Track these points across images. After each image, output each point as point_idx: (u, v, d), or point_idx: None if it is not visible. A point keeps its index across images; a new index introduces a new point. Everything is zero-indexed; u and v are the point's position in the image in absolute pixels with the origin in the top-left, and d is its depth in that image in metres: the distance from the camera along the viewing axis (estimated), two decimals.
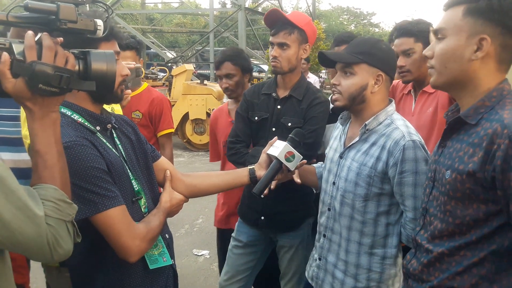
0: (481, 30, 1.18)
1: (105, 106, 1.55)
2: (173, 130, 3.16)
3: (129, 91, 1.92)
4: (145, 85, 3.06)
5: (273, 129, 2.23)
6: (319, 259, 1.86)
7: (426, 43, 1.35)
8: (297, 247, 2.30)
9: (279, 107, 2.24)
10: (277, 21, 2.18)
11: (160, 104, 3.02)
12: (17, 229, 0.88)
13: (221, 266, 2.82)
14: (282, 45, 2.16)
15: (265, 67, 14.66)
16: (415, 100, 2.28)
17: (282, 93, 2.26)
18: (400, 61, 2.15)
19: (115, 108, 2.25)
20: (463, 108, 1.28)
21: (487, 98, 1.21)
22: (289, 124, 2.19)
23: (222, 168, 2.74)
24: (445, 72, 1.26)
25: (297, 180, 1.86)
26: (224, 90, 2.73)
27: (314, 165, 2.07)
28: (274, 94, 2.27)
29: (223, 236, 2.75)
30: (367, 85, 1.67)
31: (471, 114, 1.22)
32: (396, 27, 2.28)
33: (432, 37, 1.67)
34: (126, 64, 1.83)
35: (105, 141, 1.36)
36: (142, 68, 3.69)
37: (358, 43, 1.74)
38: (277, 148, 1.73)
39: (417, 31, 2.09)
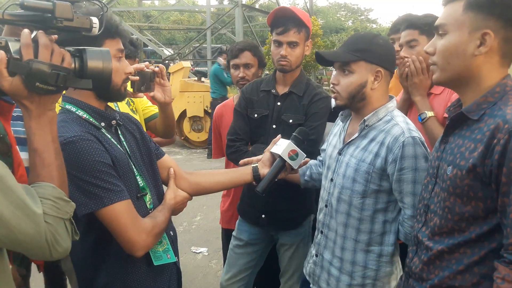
0: (483, 24, 1.17)
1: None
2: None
3: (141, 94, 1.93)
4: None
5: (274, 126, 2.22)
6: (316, 255, 1.86)
7: (431, 37, 1.35)
8: (298, 245, 2.30)
9: (279, 103, 2.23)
10: (285, 19, 2.15)
11: None
12: (16, 227, 0.88)
13: None
14: (292, 44, 2.15)
15: None
16: None
17: (281, 90, 2.25)
18: (404, 52, 2.13)
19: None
20: (466, 104, 1.27)
21: (490, 94, 1.21)
22: (290, 121, 2.18)
23: (227, 164, 2.69)
24: (448, 68, 1.25)
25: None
26: (240, 79, 2.61)
27: None
28: (273, 91, 2.25)
29: (229, 236, 2.75)
30: (366, 82, 1.65)
31: (473, 110, 1.22)
32: (403, 19, 2.27)
33: None
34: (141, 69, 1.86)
35: (110, 137, 1.37)
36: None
37: (355, 40, 1.71)
38: (281, 146, 1.73)
39: (422, 24, 2.07)
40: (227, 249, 2.75)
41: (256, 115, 2.27)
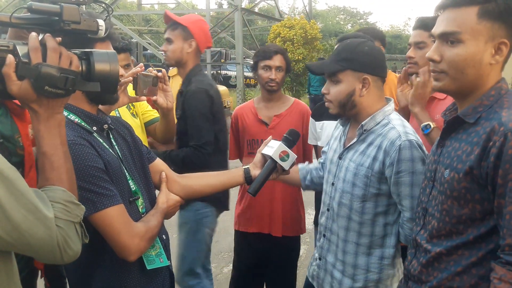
0: (498, 33, 1.17)
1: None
2: None
3: (144, 98, 1.95)
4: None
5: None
6: (319, 258, 1.87)
7: None
8: (180, 227, 2.47)
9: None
10: (167, 21, 2.53)
11: None
12: (28, 231, 0.88)
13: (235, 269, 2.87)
14: (167, 40, 2.47)
15: None
16: None
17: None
18: (411, 52, 2.12)
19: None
20: (461, 108, 1.28)
21: (486, 97, 1.22)
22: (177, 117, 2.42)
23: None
24: (461, 78, 1.22)
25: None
26: (270, 81, 2.59)
27: (299, 165, 2.07)
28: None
29: (245, 238, 2.76)
30: (354, 91, 1.67)
31: (469, 113, 1.23)
32: (417, 19, 2.27)
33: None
34: (147, 72, 1.92)
35: (102, 141, 1.36)
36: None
37: (340, 50, 1.73)
38: (272, 147, 1.73)
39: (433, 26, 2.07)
40: (242, 253, 2.78)
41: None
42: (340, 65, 1.67)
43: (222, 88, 9.81)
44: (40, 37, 0.99)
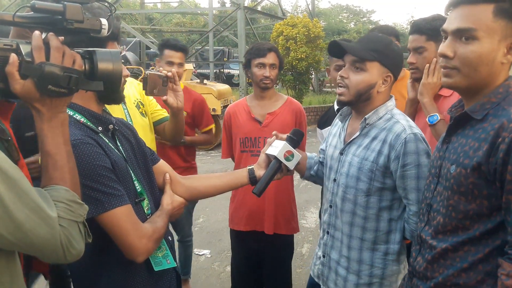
0: (511, 33, 1.18)
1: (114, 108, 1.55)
2: (214, 126, 3.37)
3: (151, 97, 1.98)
4: (181, 85, 3.09)
5: None
6: (323, 256, 1.87)
7: (439, 42, 1.30)
8: None
9: None
10: None
11: (201, 103, 3.26)
12: (31, 231, 0.88)
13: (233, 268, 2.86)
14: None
15: None
16: None
17: None
18: (411, 58, 2.13)
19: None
20: (468, 105, 1.28)
21: (493, 95, 1.22)
22: None
23: (237, 164, 2.71)
24: (474, 75, 1.22)
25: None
26: (264, 79, 2.59)
27: (308, 154, 2.05)
28: None
29: (238, 237, 2.76)
30: (375, 84, 1.67)
31: (477, 110, 1.23)
32: (411, 23, 2.27)
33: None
34: (157, 70, 1.95)
35: (107, 141, 1.36)
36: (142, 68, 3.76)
37: (372, 40, 1.72)
38: (276, 147, 1.73)
39: (429, 29, 2.05)
40: (237, 251, 2.77)
41: None
42: (371, 54, 1.65)
43: (225, 87, 9.82)
44: (43, 36, 0.99)
